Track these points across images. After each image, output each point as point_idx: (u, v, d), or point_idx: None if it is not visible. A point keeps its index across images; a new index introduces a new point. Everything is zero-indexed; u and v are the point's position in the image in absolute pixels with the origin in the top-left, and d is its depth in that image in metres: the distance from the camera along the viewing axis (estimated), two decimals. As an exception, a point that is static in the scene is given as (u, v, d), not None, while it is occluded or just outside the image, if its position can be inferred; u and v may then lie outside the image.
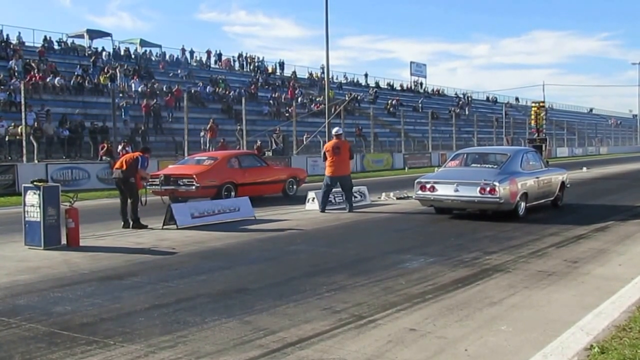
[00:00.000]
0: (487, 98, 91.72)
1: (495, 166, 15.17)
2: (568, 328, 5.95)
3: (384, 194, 20.00)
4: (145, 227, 13.46)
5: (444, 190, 14.62)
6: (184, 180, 18.12)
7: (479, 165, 15.54)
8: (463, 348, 5.56)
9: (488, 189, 13.92)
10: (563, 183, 17.28)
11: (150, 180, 17.45)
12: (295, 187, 21.33)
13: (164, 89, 41.77)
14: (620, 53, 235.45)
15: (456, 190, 14.41)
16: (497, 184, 13.89)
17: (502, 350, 5.55)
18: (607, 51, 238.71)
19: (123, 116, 33.75)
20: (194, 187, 17.83)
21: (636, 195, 20.16)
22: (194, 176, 17.98)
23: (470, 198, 14.25)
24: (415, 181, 15.40)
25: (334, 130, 17.23)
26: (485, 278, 8.47)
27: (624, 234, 12.37)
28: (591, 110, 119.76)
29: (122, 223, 13.57)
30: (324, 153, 16.75)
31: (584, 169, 35.63)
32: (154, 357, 5.38)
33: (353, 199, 16.96)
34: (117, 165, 13.92)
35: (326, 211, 16.16)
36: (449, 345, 5.66)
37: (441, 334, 5.96)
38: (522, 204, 14.63)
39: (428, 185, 14.86)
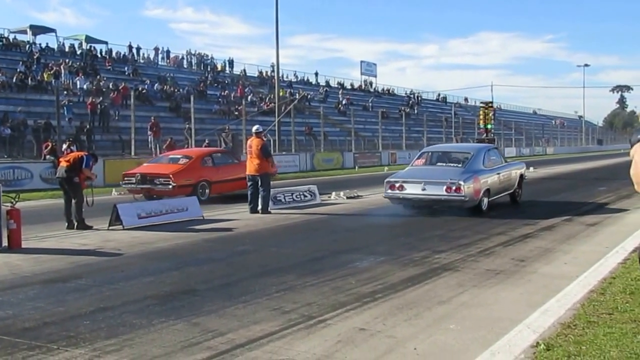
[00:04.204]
0: (437, 98, 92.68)
1: (459, 165, 15.77)
2: (515, 326, 6.05)
3: (334, 193, 20.05)
4: (90, 228, 13.24)
5: (412, 189, 15.17)
6: (160, 179, 18.47)
7: (444, 164, 16.14)
8: (412, 347, 5.61)
9: (454, 187, 14.57)
10: (522, 176, 18.10)
11: (125, 178, 19.05)
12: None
13: (110, 86, 41.13)
14: (565, 55, 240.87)
15: (424, 189, 15.01)
16: (462, 183, 14.53)
17: (450, 348, 5.61)
18: (552, 53, 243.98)
19: (66, 114, 33.11)
20: (170, 187, 18.16)
21: (581, 195, 20.61)
22: (171, 176, 18.32)
23: (437, 196, 14.90)
24: (385, 180, 15.90)
25: (253, 128, 16.90)
26: (435, 277, 8.56)
27: (569, 233, 12.63)
28: (535, 112, 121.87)
29: (66, 224, 13.33)
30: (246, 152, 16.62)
31: (531, 168, 36.14)
32: (99, 360, 5.30)
33: (303, 198, 16.92)
34: (62, 163, 13.66)
35: (273, 211, 16.09)
36: (398, 344, 5.70)
37: (391, 333, 6.00)
38: (485, 200, 15.38)
39: (397, 185, 15.40)
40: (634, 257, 9.13)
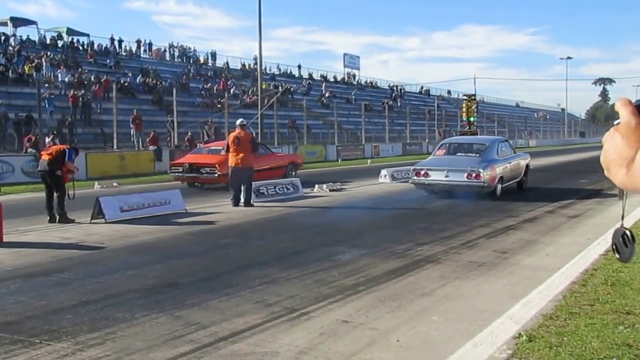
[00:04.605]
0: (420, 91, 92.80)
1: (477, 155, 17.38)
2: (497, 317, 6.09)
3: (317, 186, 20.04)
4: (72, 221, 13.16)
5: (436, 176, 16.92)
6: (206, 168, 20.14)
7: (463, 154, 17.79)
8: (395, 339, 5.63)
9: (474, 174, 16.32)
10: (527, 166, 19.93)
11: (173, 168, 21.26)
12: (294, 172, 23.45)
13: (92, 79, 40.82)
14: (548, 48, 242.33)
15: (447, 176, 16.80)
16: (481, 170, 16.30)
17: (433, 340, 5.64)
18: (535, 46, 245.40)
19: (48, 107, 32.83)
20: (216, 175, 19.79)
21: (563, 188, 20.75)
22: (217, 165, 19.76)
23: (459, 182, 16.64)
24: (411, 168, 18.04)
25: (238, 121, 17.05)
26: (417, 269, 8.60)
27: (551, 225, 12.72)
28: (518, 104, 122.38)
29: (48, 218, 13.23)
30: (227, 144, 16.56)
31: (514, 160, 36.39)
32: (82, 355, 5.28)
33: (286, 190, 16.92)
34: (43, 156, 13.56)
35: (255, 204, 16.07)
36: (381, 336, 5.73)
37: (373, 326, 6.02)
38: (499, 186, 17.11)
39: (422, 172, 17.17)
40: (614, 248, 9.20)
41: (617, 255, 1.38)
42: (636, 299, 6.46)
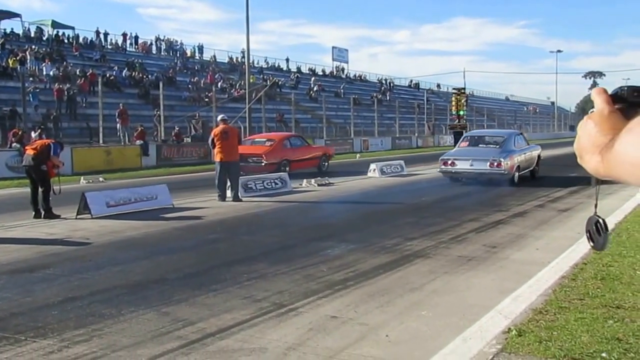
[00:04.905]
0: (409, 84, 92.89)
1: (497, 146, 19.56)
2: (487, 312, 6.10)
3: (305, 180, 20.03)
4: (57, 217, 13.10)
5: (462, 165, 19.25)
6: (253, 158, 22.33)
7: (484, 146, 20.02)
8: (384, 334, 5.64)
9: (496, 163, 18.46)
10: (539, 156, 22.08)
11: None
12: (327, 163, 25.98)
13: (78, 72, 40.63)
14: (538, 41, 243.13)
15: (471, 165, 19.08)
16: (502, 159, 18.44)
17: (422, 335, 5.66)
18: (525, 39, 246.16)
19: (32, 101, 32.65)
20: (262, 164, 22.08)
21: (553, 181, 20.83)
22: (263, 155, 22.41)
23: (482, 170, 18.83)
24: (440, 158, 20.02)
25: (219, 117, 17.40)
26: (406, 264, 8.61)
27: (541, 219, 12.77)
28: (507, 98, 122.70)
29: (33, 213, 13.16)
30: (212, 139, 16.56)
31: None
32: (68, 351, 5.26)
33: (274, 185, 16.94)
34: (28, 151, 13.48)
35: (243, 199, 16.05)
36: (370, 331, 5.73)
37: (362, 321, 6.03)
38: (517, 174, 19.25)
39: (449, 161, 19.45)
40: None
41: (591, 244, 1.39)
42: (626, 293, 6.49)
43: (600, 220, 1.36)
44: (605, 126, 1.08)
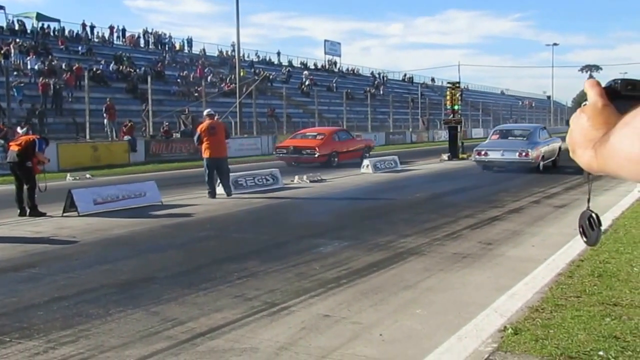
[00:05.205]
0: (403, 78, 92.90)
1: (524, 138, 22.65)
2: (482, 310, 6.12)
3: (296, 176, 20.03)
4: (43, 214, 13.06)
5: (494, 155, 22.41)
6: (307, 150, 25.42)
7: (513, 138, 23.23)
8: (378, 333, 5.65)
9: (524, 153, 21.42)
10: (560, 148, 24.07)
11: (278, 149, 26.99)
12: (368, 154, 28.11)
13: (63, 66, 40.48)
14: (533, 34, 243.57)
15: (502, 155, 22.14)
16: (529, 150, 21.39)
17: (417, 334, 5.67)
18: (520, 32, 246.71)
19: (17, 96, 32.51)
20: (316, 155, 25.07)
21: (549, 177, 20.88)
22: (316, 147, 25.31)
23: (512, 159, 21.74)
24: (474, 149, 23.30)
25: (205, 112, 17.30)
26: (400, 261, 8.62)
27: (537, 215, 12.81)
28: (502, 92, 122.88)
29: (19, 211, 13.12)
30: (199, 135, 16.49)
31: (499, 150, 36.58)
32: (54, 353, 5.25)
33: (265, 182, 16.96)
34: (12, 147, 13.42)
35: (233, 196, 16.04)
36: (363, 330, 5.74)
37: (356, 320, 6.04)
38: (541, 163, 22.09)
39: (482, 152, 22.61)
40: (602, 239, 9.27)
41: (584, 239, 1.39)
42: (623, 290, 6.52)
43: (594, 215, 1.37)
44: (598, 120, 1.09)
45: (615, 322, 5.54)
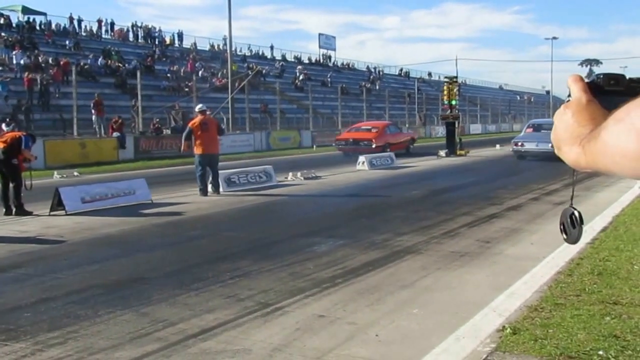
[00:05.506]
0: (399, 72, 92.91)
1: None
2: (481, 309, 6.14)
3: (290, 173, 20.02)
4: (30, 213, 13.04)
5: (529, 145, 26.16)
6: (364, 142, 29.44)
7: (546, 131, 24.87)
8: (374, 333, 5.66)
9: None
10: None
11: (337, 141, 31.50)
12: (412, 145, 33.52)
13: (50, 61, 40.37)
14: (533, 28, 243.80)
15: (537, 145, 25.41)
16: None
17: (414, 334, 5.68)
18: (519, 25, 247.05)
19: (2, 91, 32.42)
20: (373, 146, 28.51)
21: (548, 174, 20.93)
22: (372, 139, 29.41)
23: (546, 150, 23.64)
24: (512, 140, 27.51)
25: (197, 107, 17.26)
26: (397, 260, 8.63)
27: (535, 212, 12.84)
28: (501, 87, 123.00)
29: (4, 210, 13.10)
30: (189, 130, 16.46)
31: (497, 146, 36.70)
32: (42, 355, 5.25)
33: (258, 179, 16.99)
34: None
35: (226, 194, 16.03)
36: (359, 330, 5.75)
37: (351, 320, 6.04)
38: None
39: (519, 143, 26.61)
40: (602, 237, 9.32)
41: (564, 236, 1.39)
42: (623, 289, 6.54)
43: (576, 213, 1.37)
44: (583, 116, 1.08)
45: (615, 321, 5.56)
